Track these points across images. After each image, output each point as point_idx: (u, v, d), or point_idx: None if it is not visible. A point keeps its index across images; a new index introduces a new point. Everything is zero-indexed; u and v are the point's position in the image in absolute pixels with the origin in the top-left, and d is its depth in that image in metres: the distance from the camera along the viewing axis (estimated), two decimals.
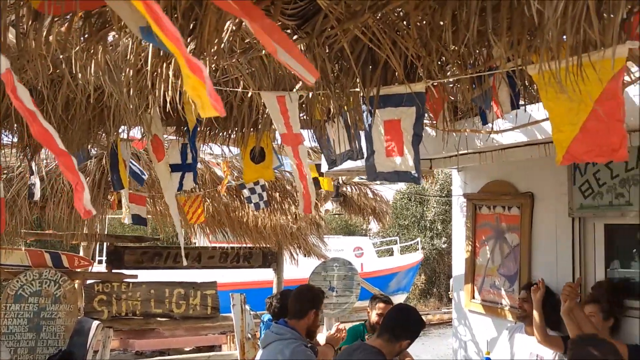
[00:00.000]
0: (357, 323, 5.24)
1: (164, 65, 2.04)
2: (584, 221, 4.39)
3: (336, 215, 13.88)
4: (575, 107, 1.76)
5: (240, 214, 6.40)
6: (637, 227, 4.22)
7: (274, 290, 7.24)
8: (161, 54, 2.01)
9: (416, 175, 2.31)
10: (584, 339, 2.40)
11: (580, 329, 3.77)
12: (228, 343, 10.12)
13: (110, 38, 2.18)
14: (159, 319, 7.10)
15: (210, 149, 4.72)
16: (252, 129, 3.61)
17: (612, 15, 1.58)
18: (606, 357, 2.28)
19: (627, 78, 2.29)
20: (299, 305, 3.72)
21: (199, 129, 3.74)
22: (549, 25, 1.47)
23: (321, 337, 4.37)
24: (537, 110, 2.70)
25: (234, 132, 3.80)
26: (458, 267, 5.62)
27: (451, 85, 2.67)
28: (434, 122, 3.35)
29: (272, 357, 3.54)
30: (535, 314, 4.02)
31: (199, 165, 5.05)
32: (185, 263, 6.30)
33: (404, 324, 3.16)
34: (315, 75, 1.39)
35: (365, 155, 3.81)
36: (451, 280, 5.96)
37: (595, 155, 1.81)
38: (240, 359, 6.94)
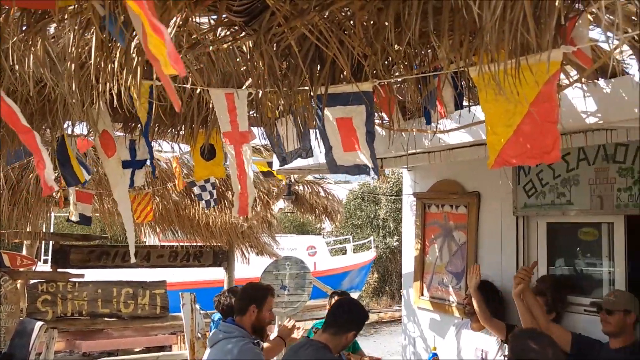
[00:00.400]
0: (319, 321, 5.25)
1: (108, 59, 2.00)
2: (527, 220, 4.53)
3: (288, 214, 13.88)
4: (511, 109, 1.81)
5: (191, 212, 6.32)
6: (578, 225, 4.39)
7: (224, 288, 7.19)
8: (105, 47, 1.97)
9: (374, 167, 2.33)
10: (524, 332, 2.49)
11: (530, 311, 3.89)
12: (178, 343, 9.99)
13: (51, 30, 2.12)
14: (106, 319, 6.95)
15: (159, 145, 4.65)
16: (201, 126, 3.58)
17: (548, 20, 1.64)
18: (544, 349, 2.36)
19: (566, 81, 2.37)
20: (239, 302, 3.74)
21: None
22: (488, 28, 1.52)
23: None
24: (480, 111, 2.77)
25: (183, 129, 3.75)
26: (408, 265, 5.71)
27: (399, 86, 2.71)
28: (384, 121, 3.40)
29: (220, 355, 3.52)
30: (474, 300, 4.10)
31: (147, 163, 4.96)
32: (133, 260, 6.16)
33: (348, 317, 3.19)
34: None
35: (320, 152, 3.83)
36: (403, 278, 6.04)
37: (526, 158, 1.86)
38: (190, 359, 6.86)
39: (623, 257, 3.94)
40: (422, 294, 5.44)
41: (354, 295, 14.56)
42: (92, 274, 7.17)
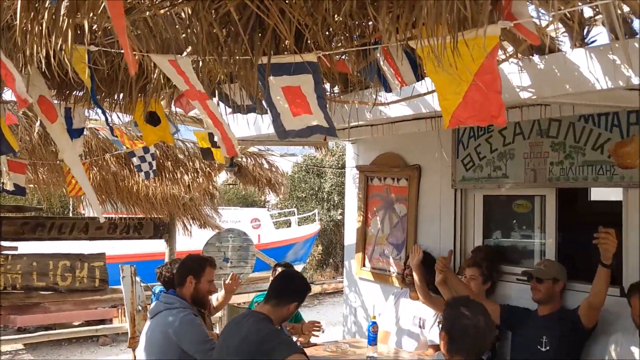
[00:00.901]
0: (261, 293, 5.26)
1: (35, 21, 1.90)
2: (465, 192, 4.65)
3: (231, 186, 13.76)
4: (456, 79, 1.87)
5: (130, 184, 6.16)
6: (512, 198, 4.54)
7: (166, 260, 7.10)
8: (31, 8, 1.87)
9: (329, 127, 2.32)
10: (457, 300, 2.57)
11: (456, 294, 4.03)
12: (119, 316, 9.85)
13: None
14: (42, 292, 6.74)
15: (96, 114, 4.48)
16: (140, 94, 3.47)
17: None
18: (476, 316, 2.44)
19: (502, 56, 2.43)
20: (178, 274, 3.73)
21: (81, 94, 3.54)
22: (425, 1, 1.53)
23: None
24: (420, 85, 2.80)
25: (121, 97, 3.63)
26: (350, 236, 5.78)
27: (341, 57, 2.70)
28: (326, 92, 3.39)
29: (161, 326, 3.49)
30: (415, 277, 4.22)
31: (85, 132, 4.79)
32: (103, 220, 6.01)
33: (289, 288, 3.22)
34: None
35: (262, 122, 3.77)
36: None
37: (477, 120, 1.96)
38: (130, 332, 6.77)
39: (554, 228, 4.11)
40: (364, 265, 5.54)
41: (298, 267, 14.69)
42: (26, 247, 6.93)
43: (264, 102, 2.50)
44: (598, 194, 6.58)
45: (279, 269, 4.88)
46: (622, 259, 3.66)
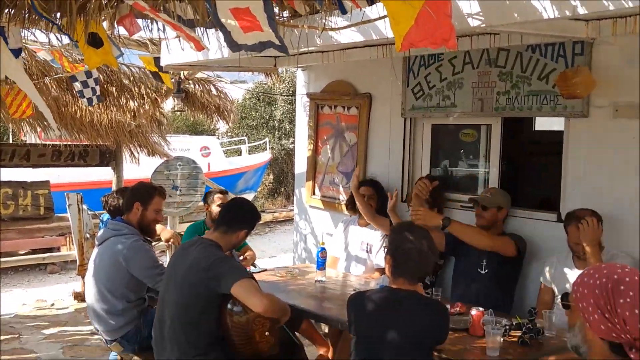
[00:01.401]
0: (197, 221, 5.28)
1: None
2: (414, 121, 4.70)
3: (178, 114, 13.45)
4: (407, 4, 1.86)
5: (73, 109, 5.93)
6: (460, 127, 4.62)
7: (113, 188, 6.98)
8: None
9: (281, 45, 2.26)
10: (402, 225, 2.64)
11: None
12: (67, 244, 9.71)
13: None
14: None
15: (34, 35, 4.22)
16: (79, 14, 3.28)
17: None
18: (420, 241, 2.52)
19: None
20: (126, 199, 3.71)
21: (13, 12, 3.32)
22: None
23: None
24: (371, 10, 2.75)
25: (59, 17, 3.42)
26: (300, 165, 5.80)
27: None
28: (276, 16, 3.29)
29: (110, 253, 3.47)
30: (357, 200, 4.32)
31: (22, 55, 4.53)
32: (58, 134, 5.81)
33: (239, 215, 3.22)
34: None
35: (209, 47, 3.65)
36: None
37: (429, 43, 1.96)
38: (79, 259, 6.73)
39: (498, 157, 4.22)
40: (314, 193, 5.59)
41: (249, 196, 14.73)
42: None
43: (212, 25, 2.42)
44: (543, 124, 6.77)
45: (213, 195, 4.89)
46: (561, 187, 3.81)
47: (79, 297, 6.71)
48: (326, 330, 4.87)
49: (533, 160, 6.39)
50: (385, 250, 2.69)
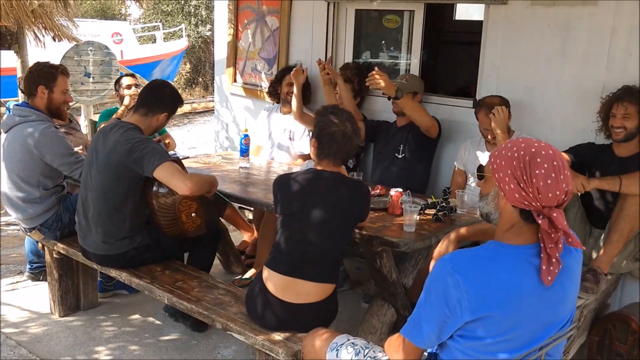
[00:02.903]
0: (112, 107, 5.07)
1: None
2: (338, 6, 4.61)
3: None
4: None
5: None
6: (383, 12, 4.59)
7: (19, 76, 6.51)
8: None
9: None
10: (327, 108, 2.66)
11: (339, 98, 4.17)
12: None
13: None
14: None
15: None
16: None
17: None
18: (344, 123, 2.57)
19: None
20: (27, 83, 3.48)
21: None
22: None
23: None
24: None
25: None
26: (220, 51, 5.62)
27: None
28: None
29: (20, 139, 3.30)
30: (296, 92, 4.23)
31: None
32: None
33: (160, 97, 3.13)
34: None
35: None
36: None
37: None
38: None
39: (419, 46, 4.26)
40: (235, 81, 5.49)
41: None
42: None
43: None
44: (463, 13, 6.84)
45: (121, 79, 4.69)
46: (478, 74, 3.93)
47: None
48: (250, 217, 4.99)
49: (453, 49, 6.51)
50: (310, 134, 2.72)
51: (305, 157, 4.49)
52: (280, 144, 4.60)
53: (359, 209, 2.61)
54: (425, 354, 1.83)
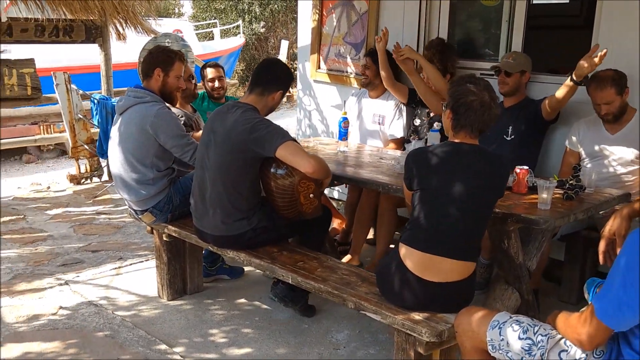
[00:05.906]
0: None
1: None
2: None
3: None
4: None
5: None
6: None
7: (103, 74, 6.59)
8: None
9: None
10: (463, 77, 2.55)
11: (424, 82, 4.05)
12: (42, 133, 9.32)
13: None
14: None
15: None
16: None
17: None
18: (482, 92, 2.44)
19: None
20: (145, 64, 3.48)
21: None
22: None
23: None
24: None
25: None
26: (304, 37, 5.57)
27: None
28: None
29: (135, 120, 3.31)
30: (380, 63, 4.13)
31: None
32: None
33: (274, 75, 3.08)
34: None
35: None
36: (296, 51, 5.92)
37: None
38: (72, 141, 6.51)
39: (523, 21, 4.09)
40: (319, 67, 5.42)
41: None
42: None
43: None
44: None
45: (206, 71, 4.60)
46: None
47: (75, 179, 6.57)
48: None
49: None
50: (443, 105, 2.61)
51: (397, 142, 4.40)
52: (370, 129, 4.51)
53: (500, 184, 2.49)
54: None
